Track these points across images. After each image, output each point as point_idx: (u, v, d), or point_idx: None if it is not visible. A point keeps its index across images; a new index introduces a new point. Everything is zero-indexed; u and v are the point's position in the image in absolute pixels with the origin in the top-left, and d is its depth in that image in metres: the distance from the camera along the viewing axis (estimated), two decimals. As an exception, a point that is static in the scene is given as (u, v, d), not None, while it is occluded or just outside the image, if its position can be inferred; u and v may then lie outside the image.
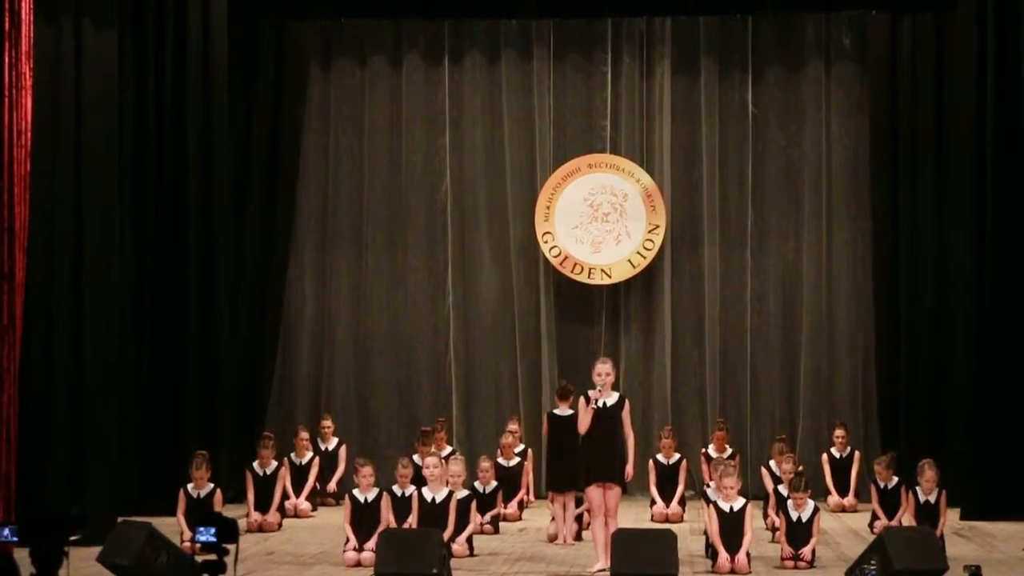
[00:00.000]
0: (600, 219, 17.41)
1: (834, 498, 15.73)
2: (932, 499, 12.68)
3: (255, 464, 14.66)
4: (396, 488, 12.63)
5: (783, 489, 12.94)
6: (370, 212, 17.80)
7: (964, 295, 15.54)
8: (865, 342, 17.18)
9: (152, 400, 15.60)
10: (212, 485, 13.28)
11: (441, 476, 12.56)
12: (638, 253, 17.32)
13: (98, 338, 14.42)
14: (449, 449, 15.75)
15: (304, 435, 15.89)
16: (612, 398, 11.61)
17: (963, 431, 15.40)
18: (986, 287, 15.23)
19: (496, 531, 14.07)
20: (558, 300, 17.58)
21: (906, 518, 13.13)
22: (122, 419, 14.91)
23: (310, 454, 15.83)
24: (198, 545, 7.77)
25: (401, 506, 12.51)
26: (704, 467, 15.70)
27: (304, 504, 15.47)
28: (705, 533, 12.28)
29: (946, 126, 16.42)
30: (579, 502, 13.28)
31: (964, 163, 15.56)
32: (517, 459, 15.48)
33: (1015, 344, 15.02)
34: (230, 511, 13.16)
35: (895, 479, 14.00)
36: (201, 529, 7.60)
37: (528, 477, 15.62)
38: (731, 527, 11.75)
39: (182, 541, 12.23)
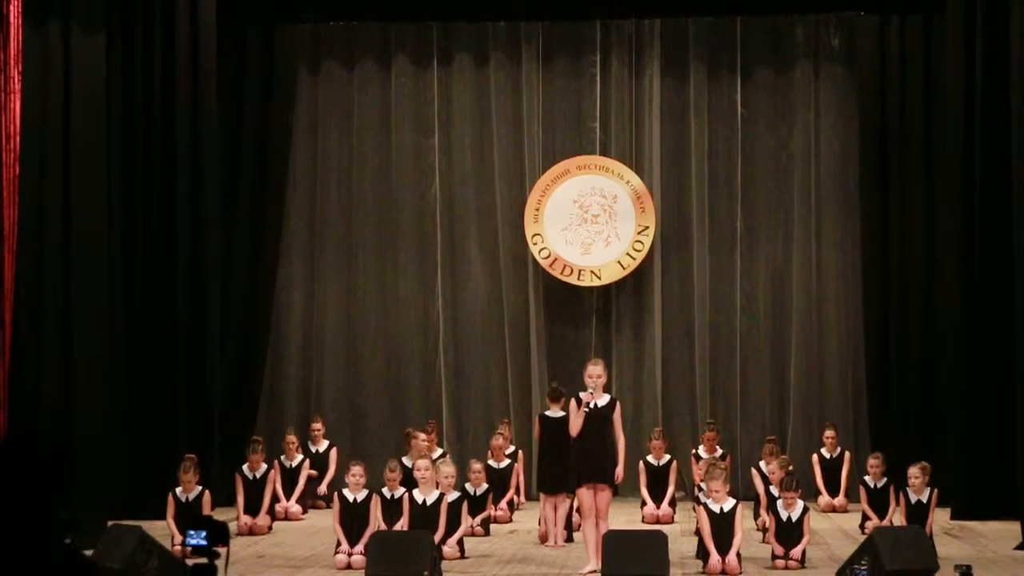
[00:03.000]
0: (590, 221, 17.41)
1: (824, 498, 15.77)
2: (924, 499, 12.71)
3: (244, 468, 14.64)
4: (386, 490, 12.62)
5: (774, 490, 12.96)
6: (359, 215, 17.80)
7: (953, 296, 15.56)
8: (854, 343, 17.21)
9: (142, 404, 15.58)
10: (200, 488, 13.27)
11: (432, 478, 12.56)
12: (628, 255, 17.33)
13: (87, 342, 14.41)
14: (440, 451, 15.74)
15: (292, 438, 15.88)
16: (603, 400, 11.61)
17: (953, 431, 15.43)
18: (975, 288, 15.25)
19: (487, 533, 14.07)
20: (548, 302, 17.58)
21: (897, 518, 13.16)
22: (112, 423, 14.90)
23: (300, 457, 15.83)
24: (188, 548, 7.76)
25: (391, 508, 12.51)
26: (694, 468, 15.72)
27: (294, 507, 15.46)
28: (697, 534, 12.29)
29: (935, 127, 16.46)
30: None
31: (953, 164, 15.58)
32: (508, 461, 15.49)
33: (1004, 344, 15.02)
34: (220, 514, 13.18)
35: (884, 479, 14.03)
36: (192, 532, 7.58)
37: (519, 479, 15.63)
38: (722, 528, 11.75)
39: (172, 545, 12.22)
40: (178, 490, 13.26)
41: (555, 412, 13.38)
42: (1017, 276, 14.84)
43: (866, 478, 14.20)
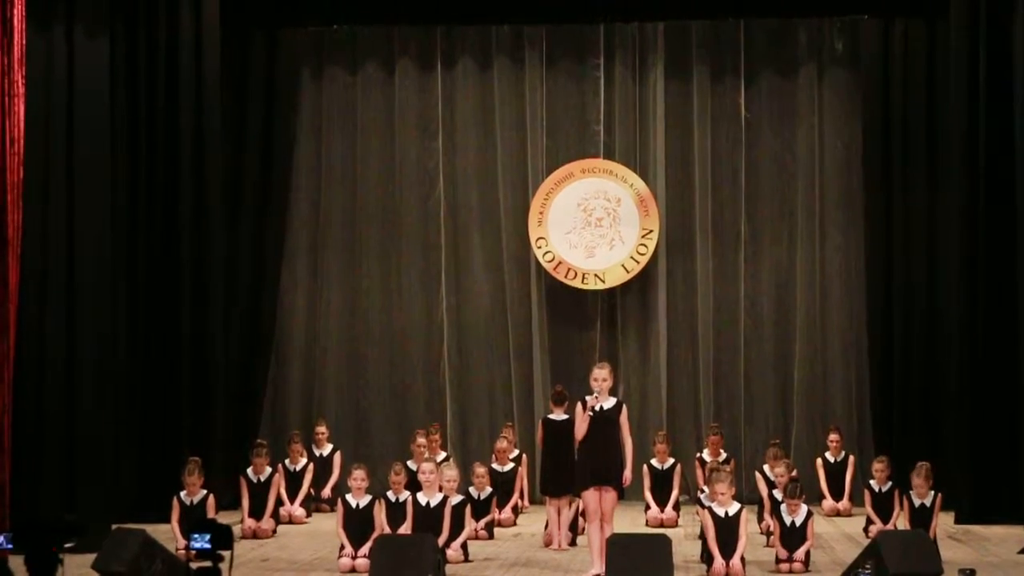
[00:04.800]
0: (593, 224, 17.42)
1: (829, 502, 15.76)
2: (927, 503, 12.71)
3: (249, 471, 14.65)
4: (390, 494, 12.62)
5: (778, 494, 12.96)
6: (363, 218, 17.80)
7: (957, 299, 15.56)
8: (859, 346, 17.20)
9: (146, 407, 15.59)
10: (205, 491, 13.29)
11: (435, 481, 12.56)
12: (632, 258, 17.33)
13: (92, 345, 14.40)
14: (443, 455, 15.74)
15: (298, 446, 15.85)
16: (609, 403, 11.60)
17: (957, 434, 15.43)
18: (979, 292, 15.25)
19: (491, 537, 14.07)
20: (551, 305, 17.58)
21: (901, 522, 13.15)
22: (116, 426, 14.91)
23: (304, 460, 15.82)
24: (193, 552, 7.76)
25: (396, 512, 12.52)
26: (699, 472, 15.75)
27: (298, 510, 15.46)
28: (701, 537, 12.29)
29: (938, 130, 16.45)
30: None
31: (956, 167, 15.58)
32: (512, 464, 15.48)
33: (1008, 348, 15.03)
34: (224, 517, 13.20)
35: (889, 483, 14.03)
36: (196, 536, 7.59)
37: (523, 482, 15.62)
38: (726, 532, 11.75)
39: (176, 548, 12.22)
40: (182, 493, 13.27)
41: (558, 416, 13.39)
42: (1021, 280, 14.85)
43: (871, 482, 14.19)
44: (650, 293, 17.51)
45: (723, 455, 15.81)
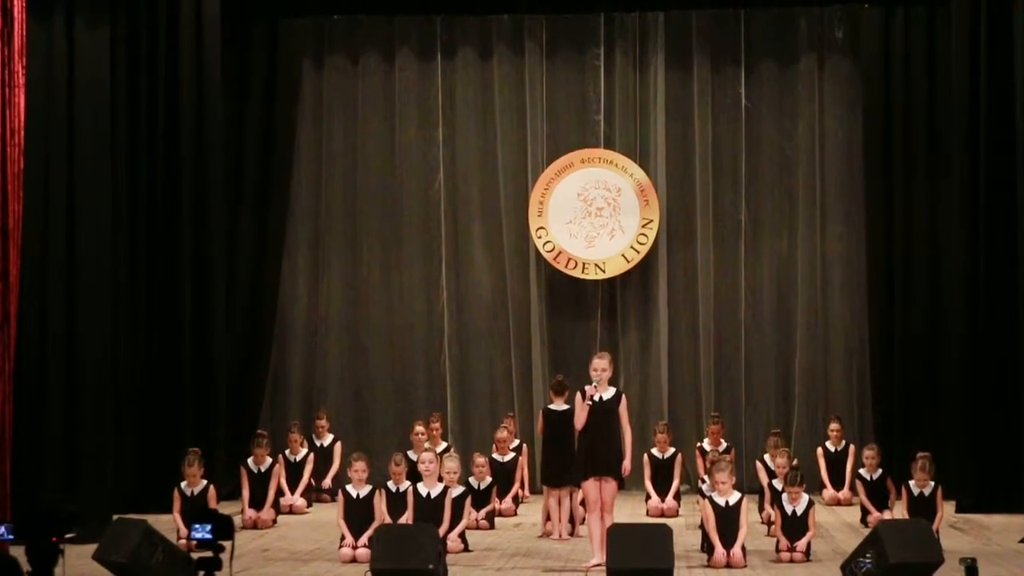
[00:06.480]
0: (594, 214, 17.41)
1: (829, 492, 15.78)
2: (926, 492, 12.72)
3: (250, 461, 14.66)
4: (391, 484, 12.63)
5: (778, 483, 12.96)
6: (364, 208, 17.80)
7: (958, 288, 15.57)
8: (859, 335, 17.19)
9: (147, 398, 15.58)
10: (205, 482, 13.31)
11: (435, 471, 12.57)
12: (632, 248, 17.32)
13: (93, 337, 14.39)
14: (444, 445, 15.75)
15: (297, 436, 15.84)
16: (608, 393, 11.61)
17: (957, 424, 15.43)
18: (979, 280, 15.25)
19: (491, 526, 14.08)
20: (552, 295, 17.58)
21: (899, 510, 13.16)
22: (117, 417, 14.89)
23: (304, 451, 15.82)
24: (194, 542, 7.78)
25: (396, 502, 12.52)
26: (699, 461, 15.76)
27: (299, 500, 15.47)
28: (701, 527, 12.30)
29: (939, 120, 16.45)
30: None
31: (957, 157, 15.59)
32: (512, 455, 15.48)
33: (1008, 337, 15.03)
34: (225, 508, 13.20)
35: (879, 470, 14.08)
36: (197, 526, 7.61)
37: (523, 472, 15.63)
38: (727, 521, 11.76)
39: (178, 539, 12.23)
40: (183, 484, 13.29)
41: (558, 406, 13.40)
42: (1021, 268, 14.85)
43: (861, 471, 14.24)
44: (650, 283, 17.51)
45: (724, 444, 15.82)
